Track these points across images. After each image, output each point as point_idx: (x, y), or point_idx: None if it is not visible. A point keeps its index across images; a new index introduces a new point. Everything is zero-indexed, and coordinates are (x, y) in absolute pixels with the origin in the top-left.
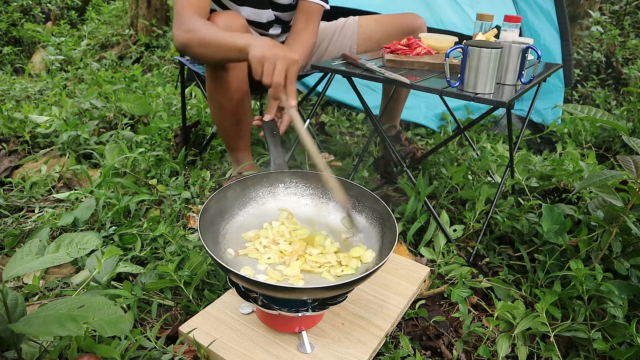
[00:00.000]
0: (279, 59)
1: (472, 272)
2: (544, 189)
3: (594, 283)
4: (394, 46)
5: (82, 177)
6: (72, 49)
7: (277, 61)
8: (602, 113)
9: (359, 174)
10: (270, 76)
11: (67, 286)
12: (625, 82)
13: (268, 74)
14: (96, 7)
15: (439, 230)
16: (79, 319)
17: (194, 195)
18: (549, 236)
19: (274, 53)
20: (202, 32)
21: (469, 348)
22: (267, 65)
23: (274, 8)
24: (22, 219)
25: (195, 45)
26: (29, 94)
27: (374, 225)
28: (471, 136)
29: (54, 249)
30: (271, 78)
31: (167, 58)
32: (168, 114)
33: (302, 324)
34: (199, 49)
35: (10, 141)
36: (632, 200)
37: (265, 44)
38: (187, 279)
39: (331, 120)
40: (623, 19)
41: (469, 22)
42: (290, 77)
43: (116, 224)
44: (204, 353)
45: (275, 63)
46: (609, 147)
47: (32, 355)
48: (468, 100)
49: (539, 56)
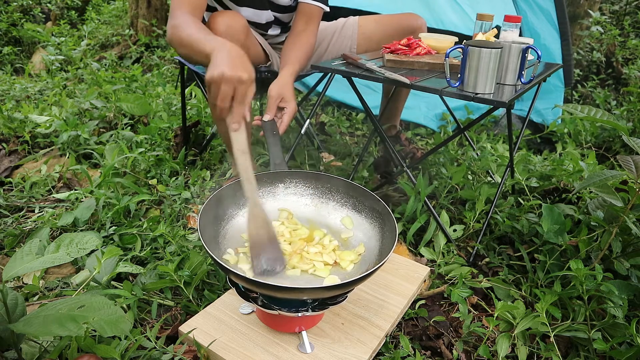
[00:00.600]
0: (224, 81)
1: (472, 272)
2: (544, 189)
3: (594, 283)
4: (394, 46)
5: (82, 177)
6: (72, 49)
7: (222, 83)
8: (602, 113)
9: (359, 174)
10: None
11: (67, 286)
12: (625, 82)
13: (213, 96)
14: (96, 7)
15: (439, 230)
16: (79, 319)
17: (194, 195)
18: (549, 236)
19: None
20: (183, 31)
21: (469, 348)
22: (213, 87)
23: (274, 9)
24: (22, 219)
25: (176, 44)
26: (29, 94)
27: (374, 225)
28: (471, 136)
29: (54, 249)
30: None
31: (167, 58)
32: (168, 114)
33: (302, 324)
34: (180, 48)
35: (10, 141)
36: (632, 200)
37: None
38: (187, 279)
39: (331, 120)
40: (623, 19)
41: (469, 22)
42: (236, 98)
43: (116, 224)
44: (204, 353)
45: (220, 84)
46: (609, 147)
47: (32, 355)
48: (468, 100)
49: (539, 56)
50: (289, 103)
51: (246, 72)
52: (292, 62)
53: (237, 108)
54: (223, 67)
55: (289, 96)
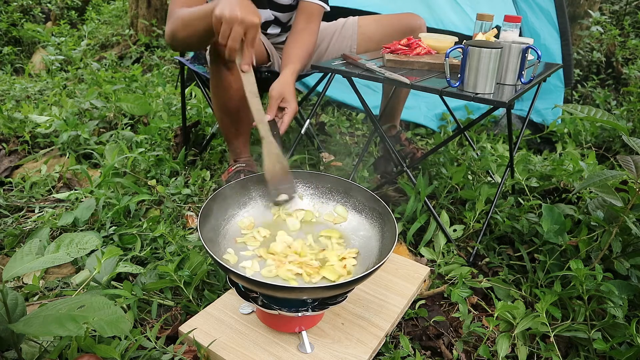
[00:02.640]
0: (236, 22)
1: (472, 272)
2: (544, 189)
3: (594, 283)
4: (394, 46)
5: (82, 177)
6: (72, 49)
7: (234, 23)
8: (602, 113)
9: (359, 174)
10: (225, 38)
11: (67, 286)
12: (625, 82)
13: (224, 35)
14: (96, 7)
15: (439, 230)
16: (79, 319)
17: (193, 195)
18: (549, 236)
19: (233, 14)
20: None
21: (469, 348)
22: (224, 26)
23: (273, 8)
24: (22, 219)
25: (179, 30)
26: (29, 94)
27: (374, 225)
28: (471, 136)
29: (54, 249)
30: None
31: (167, 58)
32: (168, 114)
33: (302, 324)
34: (183, 31)
35: (10, 141)
36: (632, 200)
37: (231, 2)
38: (187, 279)
39: (331, 120)
40: (623, 19)
41: (469, 22)
42: (247, 40)
43: (116, 224)
44: (204, 353)
45: (233, 25)
46: (609, 147)
47: (32, 355)
48: (468, 100)
49: (539, 56)
50: (290, 103)
51: (256, 15)
52: (293, 61)
53: (248, 50)
54: (235, 9)
55: (290, 96)
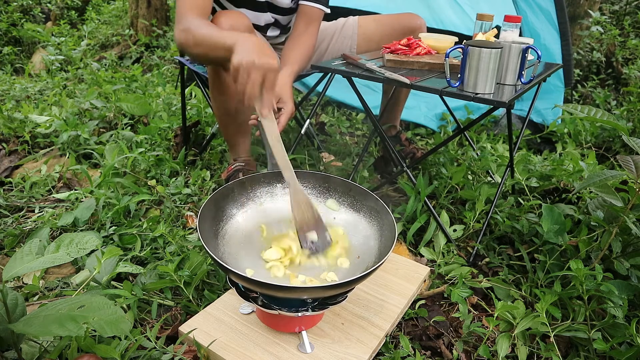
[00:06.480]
0: (254, 68)
1: (472, 272)
2: (544, 189)
3: (594, 283)
4: (394, 46)
5: (82, 177)
6: (72, 49)
7: (252, 70)
8: (602, 113)
9: (359, 174)
10: (244, 85)
11: (67, 286)
12: (625, 82)
13: (242, 82)
14: (96, 7)
15: (439, 230)
16: (79, 319)
17: (193, 195)
18: (549, 236)
19: (251, 61)
20: (197, 31)
21: (469, 348)
22: (242, 73)
23: (273, 11)
24: (22, 219)
25: (190, 45)
26: (29, 94)
27: (373, 224)
28: (471, 136)
29: (54, 249)
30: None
31: (167, 58)
32: (168, 114)
33: (302, 324)
34: (194, 48)
35: (10, 141)
36: (632, 200)
37: (249, 49)
38: (187, 279)
39: (331, 120)
40: (623, 19)
41: (469, 22)
42: (266, 85)
43: (116, 224)
44: (204, 353)
45: (250, 72)
46: (609, 147)
47: (32, 355)
48: (468, 100)
49: (539, 56)
50: (287, 104)
51: (274, 59)
52: (291, 63)
53: (267, 94)
54: (252, 54)
55: (287, 97)
